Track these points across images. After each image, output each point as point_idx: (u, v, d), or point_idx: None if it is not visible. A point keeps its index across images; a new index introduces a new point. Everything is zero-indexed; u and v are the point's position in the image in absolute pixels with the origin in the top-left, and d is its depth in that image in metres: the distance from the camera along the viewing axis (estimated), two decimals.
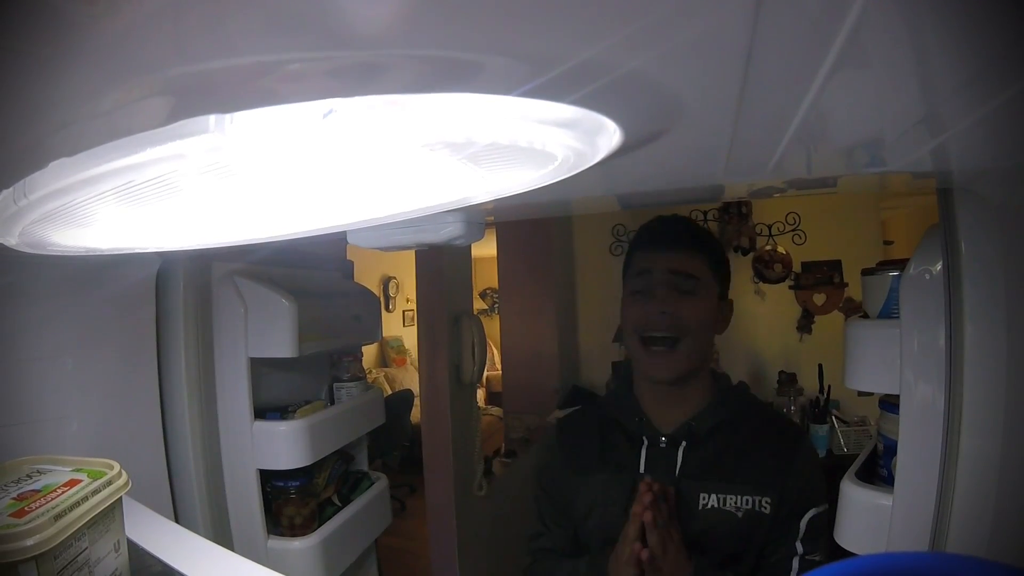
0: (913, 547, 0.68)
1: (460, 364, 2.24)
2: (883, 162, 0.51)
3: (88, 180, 0.31)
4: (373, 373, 4.87)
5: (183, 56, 0.23)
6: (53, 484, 0.54)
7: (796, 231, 3.00)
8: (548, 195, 0.54)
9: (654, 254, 0.99)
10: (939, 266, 0.68)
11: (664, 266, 0.97)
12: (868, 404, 2.57)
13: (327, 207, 0.50)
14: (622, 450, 0.99)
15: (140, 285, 0.93)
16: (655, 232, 1.03)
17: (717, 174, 0.54)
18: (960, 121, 0.39)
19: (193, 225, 0.50)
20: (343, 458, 1.26)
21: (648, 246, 1.01)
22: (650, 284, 0.97)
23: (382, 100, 0.28)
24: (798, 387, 2.74)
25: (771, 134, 0.41)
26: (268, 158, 0.33)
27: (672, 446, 0.95)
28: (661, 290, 0.96)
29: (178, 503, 0.98)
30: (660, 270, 0.97)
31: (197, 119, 0.28)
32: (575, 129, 0.33)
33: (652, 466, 0.95)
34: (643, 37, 0.24)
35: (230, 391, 1.02)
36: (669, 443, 0.96)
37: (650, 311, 0.96)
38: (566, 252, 3.18)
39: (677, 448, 0.95)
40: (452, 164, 0.37)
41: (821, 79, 0.29)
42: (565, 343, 3.04)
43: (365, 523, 1.24)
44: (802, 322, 3.00)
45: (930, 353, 0.67)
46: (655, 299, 0.96)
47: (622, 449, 0.99)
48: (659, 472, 0.94)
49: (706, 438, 0.95)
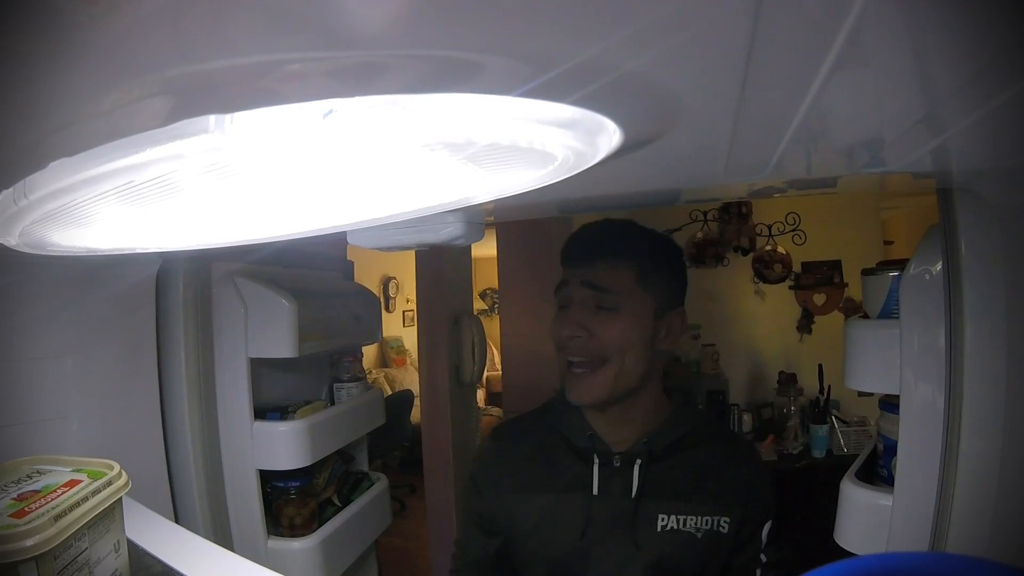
0: (913, 547, 0.68)
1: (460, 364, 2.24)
2: (883, 162, 0.51)
3: (88, 180, 0.31)
4: (373, 373, 4.87)
5: (183, 56, 0.23)
6: (53, 484, 0.54)
7: (796, 231, 3.00)
8: (548, 195, 0.54)
9: (570, 266, 0.90)
10: (939, 266, 0.68)
11: (579, 280, 0.87)
12: (868, 404, 2.57)
13: (327, 207, 0.50)
14: (571, 467, 0.90)
15: (140, 285, 0.92)
16: (576, 240, 0.92)
17: (717, 174, 0.55)
18: (960, 121, 0.39)
19: (193, 225, 0.50)
20: (343, 458, 1.26)
21: (567, 256, 0.91)
22: (567, 300, 0.89)
23: (382, 100, 0.28)
24: (798, 387, 2.74)
25: (771, 134, 0.41)
26: (268, 158, 0.33)
27: (627, 464, 0.88)
28: (576, 308, 0.87)
29: (178, 503, 0.98)
30: (575, 284, 0.88)
31: (197, 119, 0.28)
32: (575, 129, 0.33)
33: (606, 486, 0.88)
34: (643, 37, 0.24)
35: (230, 391, 1.02)
36: (623, 461, 0.88)
37: (563, 332, 0.87)
38: None
39: (632, 467, 0.88)
40: (452, 164, 0.37)
41: (821, 79, 0.29)
42: None
43: (365, 523, 1.24)
44: (802, 322, 3.00)
45: (930, 353, 0.67)
46: (569, 318, 0.87)
47: (571, 466, 0.90)
48: (615, 492, 0.87)
49: (663, 457, 0.89)
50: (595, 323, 0.86)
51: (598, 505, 0.87)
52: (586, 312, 0.86)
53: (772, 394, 2.86)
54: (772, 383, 2.87)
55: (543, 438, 0.95)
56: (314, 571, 1.06)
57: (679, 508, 0.87)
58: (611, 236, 0.91)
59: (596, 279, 0.86)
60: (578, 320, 0.86)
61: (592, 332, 0.85)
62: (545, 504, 0.89)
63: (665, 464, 0.89)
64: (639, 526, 0.86)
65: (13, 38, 0.20)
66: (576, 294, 0.87)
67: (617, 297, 0.86)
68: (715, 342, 2.97)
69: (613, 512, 0.87)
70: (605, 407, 0.90)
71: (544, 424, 0.96)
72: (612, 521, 0.87)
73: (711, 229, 3.09)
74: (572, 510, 0.88)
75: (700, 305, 3.08)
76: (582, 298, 0.87)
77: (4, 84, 0.23)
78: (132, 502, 0.72)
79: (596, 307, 0.86)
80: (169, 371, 0.97)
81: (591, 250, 0.90)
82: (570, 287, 0.88)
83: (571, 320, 0.86)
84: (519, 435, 0.98)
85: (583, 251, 0.90)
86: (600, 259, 0.88)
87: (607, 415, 0.91)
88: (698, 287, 3.09)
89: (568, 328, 0.86)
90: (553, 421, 0.95)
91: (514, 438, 0.98)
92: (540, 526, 0.89)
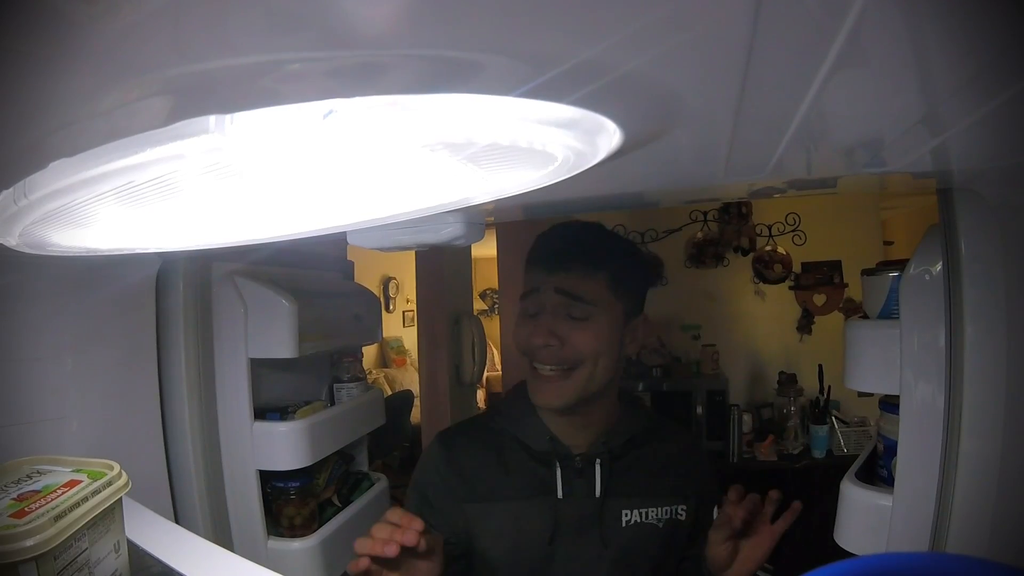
0: (913, 548, 0.68)
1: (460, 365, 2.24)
2: (883, 162, 0.51)
3: (88, 180, 0.31)
4: (373, 374, 4.87)
5: (183, 56, 0.23)
6: (53, 485, 0.54)
7: (796, 231, 3.00)
8: (548, 195, 0.54)
9: (542, 272, 0.86)
10: (939, 266, 0.68)
11: (552, 287, 0.84)
12: (868, 405, 2.57)
13: (327, 208, 0.50)
14: (531, 472, 0.89)
15: (140, 285, 0.92)
16: (547, 243, 0.89)
17: (717, 174, 0.55)
18: (960, 121, 0.39)
19: (193, 225, 0.50)
20: (343, 459, 1.26)
21: (538, 261, 0.88)
22: (538, 307, 0.86)
23: (382, 100, 0.28)
24: (798, 388, 2.74)
25: (771, 134, 0.41)
26: (268, 158, 0.33)
27: (588, 465, 0.89)
28: (547, 317, 0.84)
29: (178, 504, 0.98)
30: (548, 291, 0.85)
31: (197, 119, 0.28)
32: (575, 129, 0.33)
33: (570, 488, 0.88)
34: (643, 37, 0.24)
35: (230, 391, 1.02)
36: (584, 463, 0.89)
37: (535, 340, 0.84)
38: None
39: (593, 467, 0.88)
40: (452, 165, 0.37)
41: (821, 79, 0.29)
42: None
43: (365, 524, 1.24)
44: (802, 323, 3.01)
45: (930, 353, 0.67)
46: (541, 327, 0.84)
47: (531, 471, 0.89)
48: (580, 494, 0.88)
49: (620, 455, 0.90)
50: (568, 331, 0.84)
51: (564, 507, 0.87)
52: (558, 320, 0.84)
53: (772, 394, 2.86)
54: (772, 383, 2.87)
55: (496, 444, 0.92)
56: (314, 572, 1.06)
57: (641, 502, 0.90)
58: (583, 241, 0.89)
59: (571, 286, 0.84)
60: (551, 328, 0.84)
61: (565, 340, 0.84)
62: (508, 511, 0.88)
63: (623, 462, 0.91)
64: (606, 524, 0.88)
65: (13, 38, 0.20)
66: (549, 301, 0.85)
67: (590, 306, 0.84)
68: (715, 342, 2.98)
69: (580, 513, 0.87)
70: (568, 411, 0.88)
71: (494, 430, 0.94)
72: (579, 522, 0.87)
73: (711, 229, 3.09)
74: (539, 515, 0.87)
75: (700, 305, 3.08)
76: (555, 305, 0.84)
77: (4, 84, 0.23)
78: (132, 502, 0.72)
79: (568, 315, 0.84)
80: (169, 371, 0.97)
81: (564, 255, 0.86)
82: (542, 293, 0.85)
83: (543, 329, 0.84)
84: (467, 442, 0.94)
85: (556, 255, 0.87)
86: (574, 265, 0.85)
87: (568, 418, 0.90)
88: (698, 287, 3.10)
89: (541, 337, 0.84)
90: (506, 426, 0.93)
91: (462, 446, 0.94)
92: (504, 534, 0.87)
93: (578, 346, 0.84)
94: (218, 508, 1.02)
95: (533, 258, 0.89)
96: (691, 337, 3.03)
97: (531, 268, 0.89)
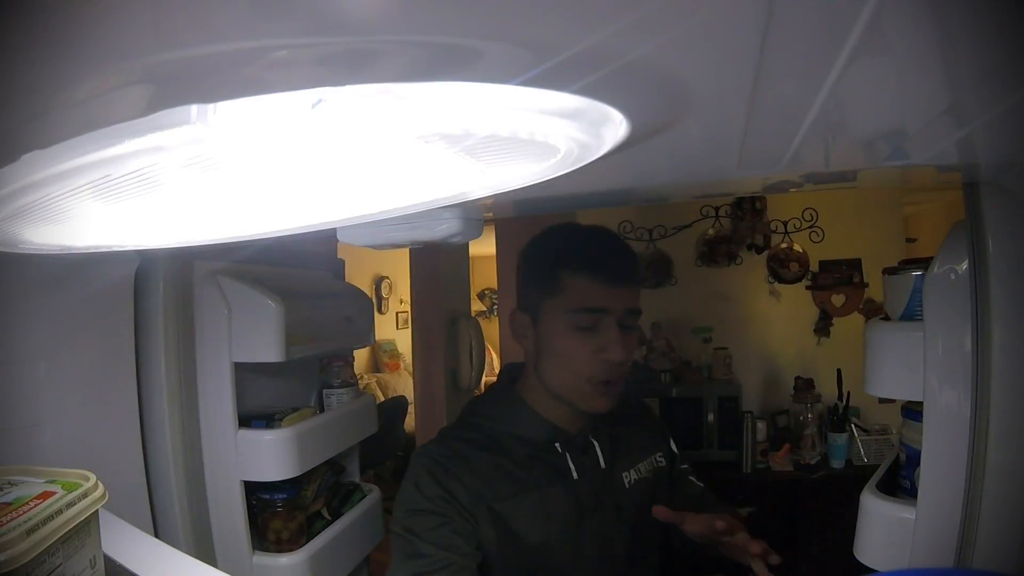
0: (937, 563, 0.68)
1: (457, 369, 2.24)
2: (906, 154, 0.51)
3: (62, 174, 0.31)
4: (365, 379, 4.87)
5: (163, 42, 0.23)
6: (25, 496, 0.54)
7: (813, 228, 3.00)
8: (550, 190, 0.54)
9: (610, 289, 0.92)
10: (965, 265, 0.68)
11: (623, 307, 0.93)
12: (890, 412, 2.57)
13: (316, 202, 0.50)
14: (542, 462, 0.98)
15: (118, 285, 0.93)
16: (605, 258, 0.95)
17: (730, 167, 0.55)
18: (987, 111, 0.39)
19: (174, 222, 0.50)
20: (333, 469, 1.26)
21: (601, 276, 0.92)
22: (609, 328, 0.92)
23: (374, 89, 0.28)
24: (815, 393, 2.73)
25: (787, 125, 0.41)
26: (253, 151, 0.34)
27: (588, 444, 1.02)
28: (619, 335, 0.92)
29: (158, 516, 0.98)
30: (619, 312, 0.92)
31: (178, 109, 0.28)
32: (579, 120, 0.33)
33: (582, 467, 0.99)
34: (651, 22, 0.24)
35: (213, 398, 1.02)
36: (584, 442, 1.02)
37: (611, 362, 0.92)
38: None
39: (592, 444, 1.02)
40: (449, 157, 0.37)
41: (840, 66, 0.29)
42: None
43: (356, 538, 1.24)
44: (820, 324, 3.00)
45: (955, 357, 0.68)
46: (614, 347, 0.91)
47: (541, 461, 0.98)
48: (590, 470, 1.00)
49: (604, 427, 1.05)
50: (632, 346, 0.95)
51: (582, 487, 0.98)
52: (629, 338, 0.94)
53: (788, 401, 2.85)
54: (788, 389, 2.87)
55: (497, 445, 0.98)
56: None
57: (632, 461, 1.06)
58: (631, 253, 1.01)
59: (636, 302, 0.96)
60: (626, 348, 0.93)
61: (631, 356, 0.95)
62: (537, 503, 0.95)
63: (610, 431, 1.06)
64: (616, 491, 1.02)
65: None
66: (622, 321, 0.94)
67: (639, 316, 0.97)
68: (727, 345, 2.97)
69: (596, 488, 0.99)
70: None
71: (485, 432, 1.00)
72: (596, 496, 0.99)
73: (723, 226, 3.09)
74: (564, 500, 0.96)
75: (712, 306, 3.08)
76: (626, 325, 0.94)
77: None
78: (109, 515, 0.72)
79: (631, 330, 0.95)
80: (148, 377, 0.97)
81: (630, 272, 0.97)
82: (610, 314, 0.92)
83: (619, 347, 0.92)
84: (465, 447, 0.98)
85: (624, 272, 0.96)
86: (636, 282, 0.98)
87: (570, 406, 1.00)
88: (709, 287, 3.09)
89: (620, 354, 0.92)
90: (500, 427, 1.01)
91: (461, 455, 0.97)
92: (535, 527, 0.94)
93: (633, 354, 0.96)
94: (200, 521, 1.02)
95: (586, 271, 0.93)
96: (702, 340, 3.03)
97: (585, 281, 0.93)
